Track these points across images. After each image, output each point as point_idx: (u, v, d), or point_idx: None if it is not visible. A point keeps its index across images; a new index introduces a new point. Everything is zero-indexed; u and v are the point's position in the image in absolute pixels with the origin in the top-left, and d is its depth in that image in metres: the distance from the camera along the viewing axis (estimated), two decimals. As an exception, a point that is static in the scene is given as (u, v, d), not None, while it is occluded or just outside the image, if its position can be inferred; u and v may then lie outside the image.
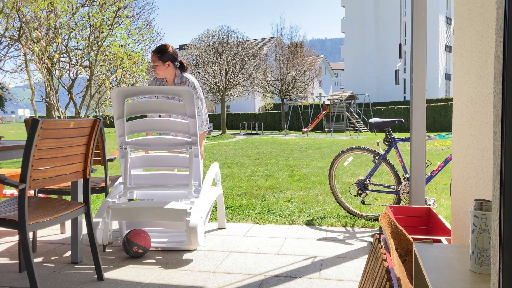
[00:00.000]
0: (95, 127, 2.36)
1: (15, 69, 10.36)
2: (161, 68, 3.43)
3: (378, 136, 21.37)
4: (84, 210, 2.37)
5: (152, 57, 3.43)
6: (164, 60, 3.41)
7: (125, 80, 9.86)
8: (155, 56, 3.42)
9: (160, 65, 3.42)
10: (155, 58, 3.42)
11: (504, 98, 0.76)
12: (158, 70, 3.43)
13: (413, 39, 2.77)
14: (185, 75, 3.52)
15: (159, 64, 3.42)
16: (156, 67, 3.42)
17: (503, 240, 0.77)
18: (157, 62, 3.41)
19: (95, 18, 9.19)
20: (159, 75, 3.46)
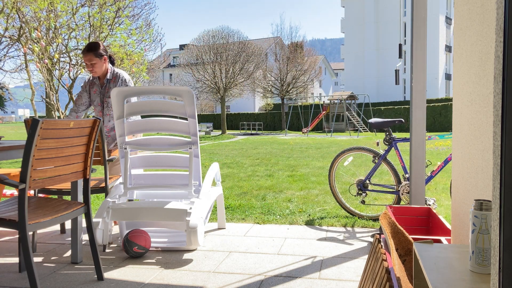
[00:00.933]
0: (95, 127, 2.36)
1: (15, 69, 10.36)
2: (99, 65, 3.42)
3: (378, 136, 21.37)
4: (84, 210, 2.37)
5: (86, 56, 3.39)
6: (100, 55, 3.41)
7: (125, 80, 9.85)
8: (90, 55, 3.39)
9: (98, 62, 3.41)
10: (91, 57, 3.39)
11: (504, 98, 0.76)
12: (97, 67, 3.41)
13: (413, 39, 2.77)
14: (116, 70, 3.54)
15: (97, 61, 3.40)
16: (94, 65, 3.40)
17: (503, 240, 0.77)
18: (94, 59, 3.39)
19: (95, 18, 9.19)
20: (97, 73, 3.44)
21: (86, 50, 3.41)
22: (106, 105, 3.52)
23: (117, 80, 3.52)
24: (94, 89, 3.52)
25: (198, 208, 2.79)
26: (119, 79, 3.52)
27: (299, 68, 32.54)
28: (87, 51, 3.40)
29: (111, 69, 3.51)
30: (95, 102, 3.53)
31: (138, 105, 2.99)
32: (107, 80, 3.50)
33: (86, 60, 3.41)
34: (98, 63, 3.40)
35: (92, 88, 3.54)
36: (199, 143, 3.01)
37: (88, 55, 3.39)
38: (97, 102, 3.53)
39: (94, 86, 3.52)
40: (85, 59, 3.42)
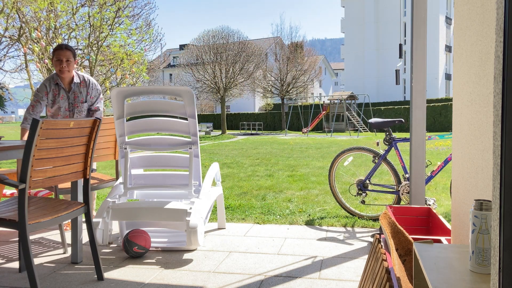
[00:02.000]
0: (95, 127, 2.36)
1: (15, 69, 10.36)
2: (72, 66, 3.30)
3: (378, 136, 21.37)
4: (84, 210, 2.37)
5: (65, 53, 3.22)
6: (75, 57, 3.30)
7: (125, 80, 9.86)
8: (69, 53, 3.24)
9: (72, 62, 3.28)
10: (70, 55, 3.24)
11: (504, 98, 0.76)
12: (71, 68, 3.28)
13: (413, 39, 2.77)
14: (81, 73, 3.42)
15: (72, 61, 3.28)
16: (70, 64, 3.25)
17: (503, 240, 0.77)
18: (71, 59, 3.26)
19: (95, 18, 9.19)
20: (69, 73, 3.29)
21: (65, 47, 3.24)
22: (77, 110, 3.36)
23: (88, 85, 3.39)
24: (61, 95, 3.32)
25: (198, 208, 2.79)
26: (90, 83, 3.40)
27: (299, 68, 32.54)
28: (66, 48, 3.23)
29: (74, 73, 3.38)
30: (62, 108, 3.34)
31: (138, 105, 2.99)
32: (75, 84, 3.34)
33: (63, 56, 3.21)
34: (72, 64, 3.27)
35: (56, 94, 3.33)
36: (199, 143, 3.01)
37: (67, 52, 3.22)
38: (64, 107, 3.34)
39: (60, 91, 3.32)
40: (62, 55, 3.21)
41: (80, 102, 3.36)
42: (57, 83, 3.32)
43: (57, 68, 3.25)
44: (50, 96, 3.32)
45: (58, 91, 3.32)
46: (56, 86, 3.32)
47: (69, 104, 3.35)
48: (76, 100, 3.35)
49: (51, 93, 3.32)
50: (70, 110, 3.36)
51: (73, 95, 3.35)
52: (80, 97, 3.37)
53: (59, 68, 3.24)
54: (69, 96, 3.34)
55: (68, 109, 3.35)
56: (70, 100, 3.34)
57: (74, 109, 3.36)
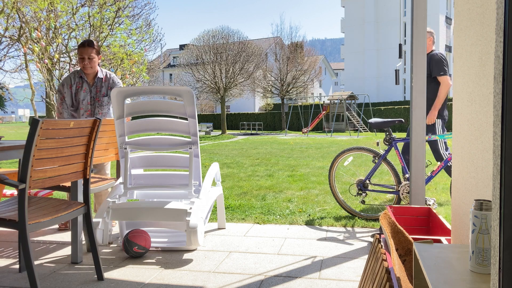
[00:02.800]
0: (95, 127, 2.36)
1: (15, 69, 10.36)
2: (95, 62, 3.36)
3: (378, 136, 21.37)
4: (84, 210, 2.37)
5: (87, 50, 3.31)
6: (98, 53, 3.36)
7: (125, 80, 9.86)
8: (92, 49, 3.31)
9: (95, 58, 3.34)
10: (92, 52, 3.31)
11: (504, 98, 0.76)
12: (93, 64, 3.36)
13: (413, 39, 2.77)
14: (104, 70, 3.50)
15: (95, 58, 3.34)
16: (92, 60, 3.33)
17: (503, 240, 0.77)
18: (94, 55, 3.32)
19: (95, 18, 9.19)
20: (92, 70, 3.37)
21: (87, 44, 3.33)
22: (99, 104, 3.46)
23: (109, 80, 3.49)
24: (84, 88, 3.43)
25: (198, 208, 2.79)
26: (111, 80, 3.49)
27: (299, 68, 32.54)
28: (89, 45, 3.33)
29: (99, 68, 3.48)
30: (84, 101, 3.44)
31: (138, 105, 2.99)
32: (99, 79, 3.44)
33: (85, 54, 3.32)
34: (95, 60, 3.35)
35: (79, 86, 3.44)
36: (199, 143, 3.01)
37: (89, 49, 3.32)
38: (86, 101, 3.45)
39: (83, 84, 3.43)
40: (84, 53, 3.32)
41: (102, 96, 3.46)
42: (81, 76, 3.44)
43: (80, 65, 3.36)
44: (74, 89, 3.43)
45: (82, 84, 3.43)
46: (80, 79, 3.44)
47: (91, 98, 3.45)
48: (98, 94, 3.44)
49: (74, 85, 3.43)
50: (92, 104, 3.46)
51: (95, 89, 3.44)
52: (102, 91, 3.46)
53: (82, 65, 3.35)
54: (91, 90, 3.43)
55: (90, 102, 3.45)
56: (92, 94, 3.43)
57: (96, 103, 3.46)
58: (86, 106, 3.45)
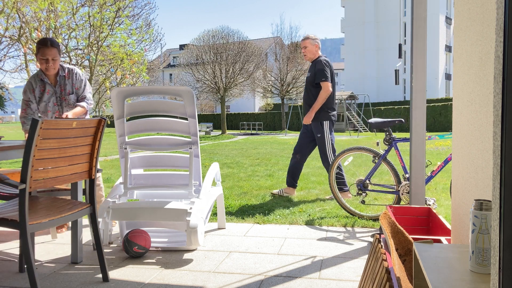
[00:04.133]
0: (100, 127, 2.35)
1: (15, 69, 10.36)
2: (58, 62, 3.24)
3: (378, 136, 21.37)
4: (90, 210, 2.36)
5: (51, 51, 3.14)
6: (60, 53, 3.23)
7: (125, 80, 9.86)
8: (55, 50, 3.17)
9: (58, 59, 3.22)
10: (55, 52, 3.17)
11: (504, 98, 0.76)
12: (56, 65, 3.22)
13: (413, 39, 2.77)
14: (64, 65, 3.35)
15: (58, 59, 3.21)
16: (56, 62, 3.19)
17: (503, 240, 0.77)
18: (57, 56, 3.19)
19: (95, 18, 9.19)
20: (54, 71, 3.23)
21: (50, 44, 3.12)
22: (66, 103, 3.33)
23: (72, 76, 3.34)
24: (47, 90, 3.29)
25: (198, 208, 2.79)
26: (74, 75, 3.34)
27: (299, 68, 32.53)
28: (52, 45, 3.12)
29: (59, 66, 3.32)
30: (50, 102, 3.30)
31: (138, 105, 2.99)
32: (61, 77, 3.30)
33: (49, 55, 3.13)
34: (58, 60, 3.21)
35: (42, 90, 3.29)
36: (199, 143, 3.01)
37: (53, 49, 3.14)
38: (52, 102, 3.30)
39: (45, 86, 3.28)
40: (48, 54, 3.12)
41: (67, 95, 3.33)
42: (41, 79, 3.28)
43: (43, 66, 3.20)
44: (37, 93, 3.28)
45: (44, 86, 3.29)
46: (42, 82, 3.29)
47: (57, 98, 3.32)
48: (63, 93, 3.31)
49: (37, 89, 3.28)
50: (59, 104, 3.33)
51: (60, 88, 3.31)
52: (67, 89, 3.33)
53: (45, 67, 3.19)
54: (56, 90, 3.30)
55: (56, 103, 3.32)
56: (57, 94, 3.30)
57: (62, 102, 3.33)
58: (53, 107, 3.32)
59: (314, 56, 4.53)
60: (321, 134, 4.40)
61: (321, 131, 4.40)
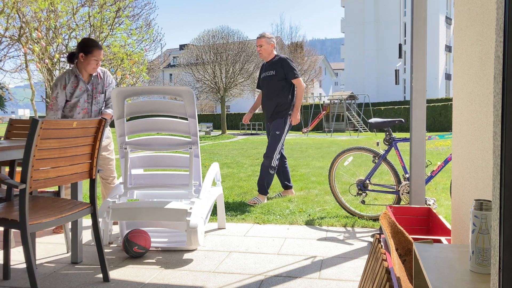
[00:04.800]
0: (101, 127, 2.35)
1: (15, 69, 10.37)
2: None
3: (378, 136, 21.37)
4: (90, 210, 2.36)
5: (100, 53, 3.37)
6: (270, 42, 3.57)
7: (125, 80, 9.86)
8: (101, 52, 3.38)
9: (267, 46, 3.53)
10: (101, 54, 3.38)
11: (504, 98, 0.76)
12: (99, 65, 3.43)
13: (413, 39, 2.77)
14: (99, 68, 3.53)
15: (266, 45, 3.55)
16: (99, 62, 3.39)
17: (503, 240, 0.77)
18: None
19: (96, 18, 9.19)
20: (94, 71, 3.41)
21: (100, 46, 3.39)
22: (95, 101, 3.45)
23: (104, 77, 3.50)
24: (80, 86, 3.38)
25: (198, 208, 2.79)
26: (106, 77, 3.52)
27: (299, 68, 32.54)
28: (101, 48, 3.39)
29: None
30: (81, 99, 3.39)
31: (138, 105, 2.99)
32: (94, 76, 3.44)
33: (98, 57, 3.36)
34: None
35: (75, 85, 3.38)
36: (199, 143, 3.01)
37: (101, 52, 3.37)
38: (83, 99, 3.40)
39: (79, 83, 3.38)
40: (98, 55, 3.35)
41: (98, 93, 3.45)
42: (76, 75, 3.39)
43: (91, 66, 3.34)
44: (69, 88, 3.37)
45: (78, 83, 3.39)
46: (76, 78, 3.39)
47: (88, 95, 3.43)
48: (94, 91, 3.43)
49: (70, 85, 3.37)
50: (89, 102, 3.44)
51: (92, 86, 3.43)
52: (98, 88, 3.46)
53: (93, 67, 3.36)
54: (88, 88, 3.41)
55: (87, 100, 3.43)
56: (88, 92, 3.42)
57: (93, 100, 3.44)
58: (83, 104, 3.42)
59: (269, 55, 4.50)
60: (280, 132, 4.38)
61: (281, 129, 4.40)
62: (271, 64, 4.48)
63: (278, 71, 4.40)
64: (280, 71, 4.41)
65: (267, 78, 4.48)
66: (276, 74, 4.41)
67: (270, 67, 4.47)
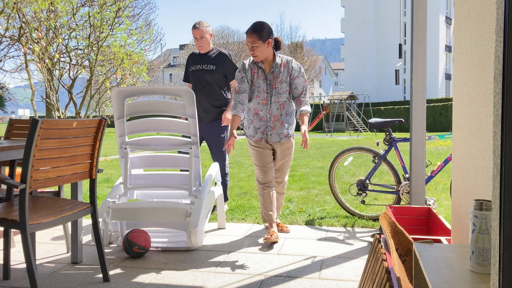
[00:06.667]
0: (101, 127, 2.35)
1: (15, 69, 10.37)
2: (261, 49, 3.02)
3: (378, 136, 21.37)
4: (90, 210, 2.36)
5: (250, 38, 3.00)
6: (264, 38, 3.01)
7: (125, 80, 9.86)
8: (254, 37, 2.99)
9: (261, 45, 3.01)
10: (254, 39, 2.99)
11: (504, 98, 0.76)
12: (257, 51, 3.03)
13: (413, 39, 2.77)
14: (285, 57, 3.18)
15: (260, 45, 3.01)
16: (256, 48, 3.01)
17: (503, 240, 0.77)
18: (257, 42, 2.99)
19: (96, 18, 9.19)
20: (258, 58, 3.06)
21: (250, 30, 3.00)
22: (276, 92, 3.10)
23: (289, 66, 3.13)
24: (259, 75, 3.10)
25: (198, 208, 2.79)
26: (291, 66, 3.13)
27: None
28: (252, 32, 2.98)
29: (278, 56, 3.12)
30: (260, 88, 3.11)
31: (138, 105, 2.99)
32: (276, 64, 3.09)
33: (248, 42, 3.01)
34: (261, 47, 3.00)
35: (255, 73, 3.12)
36: (199, 143, 3.01)
37: (251, 36, 2.98)
38: (262, 88, 3.11)
39: (258, 71, 3.11)
40: (248, 40, 3.01)
41: (279, 83, 3.10)
42: (255, 62, 3.12)
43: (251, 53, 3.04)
44: (249, 75, 3.14)
45: (257, 71, 3.13)
46: (255, 65, 3.13)
47: (267, 85, 3.12)
48: (275, 80, 3.11)
49: (249, 72, 3.13)
50: (268, 92, 3.12)
51: (272, 76, 3.12)
52: (280, 77, 3.11)
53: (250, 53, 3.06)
54: (268, 77, 3.11)
55: (266, 90, 3.12)
56: (268, 81, 3.11)
57: (273, 90, 3.11)
58: (261, 94, 3.13)
59: (209, 47, 3.97)
60: (224, 135, 3.95)
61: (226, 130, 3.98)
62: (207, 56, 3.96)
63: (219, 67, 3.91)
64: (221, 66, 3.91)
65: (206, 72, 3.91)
66: (217, 70, 3.90)
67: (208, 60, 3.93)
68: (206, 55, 3.95)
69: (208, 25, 3.92)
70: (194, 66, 3.97)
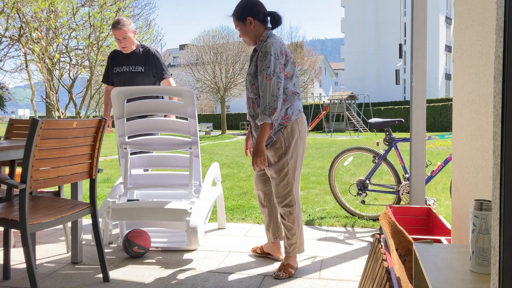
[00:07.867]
0: (101, 127, 2.35)
1: (15, 69, 10.37)
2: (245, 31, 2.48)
3: (378, 136, 21.36)
4: (90, 210, 2.36)
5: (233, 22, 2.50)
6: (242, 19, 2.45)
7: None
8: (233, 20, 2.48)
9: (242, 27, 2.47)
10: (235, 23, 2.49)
11: (504, 98, 0.76)
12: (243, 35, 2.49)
13: (413, 39, 2.77)
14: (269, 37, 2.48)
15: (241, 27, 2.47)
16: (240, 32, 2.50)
17: (503, 240, 0.77)
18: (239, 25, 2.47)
19: (96, 18, 9.19)
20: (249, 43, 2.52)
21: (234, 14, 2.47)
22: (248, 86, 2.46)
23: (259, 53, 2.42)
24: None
25: (198, 208, 2.79)
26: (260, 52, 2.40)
27: (299, 68, 32.54)
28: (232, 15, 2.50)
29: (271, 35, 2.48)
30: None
31: (138, 105, 2.98)
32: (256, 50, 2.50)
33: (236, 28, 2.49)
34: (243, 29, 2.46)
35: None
36: (199, 143, 3.01)
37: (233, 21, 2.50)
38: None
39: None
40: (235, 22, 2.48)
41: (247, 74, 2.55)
42: None
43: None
44: None
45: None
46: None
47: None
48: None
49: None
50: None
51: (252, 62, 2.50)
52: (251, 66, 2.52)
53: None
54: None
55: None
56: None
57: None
58: None
59: (134, 46, 3.52)
60: None
61: None
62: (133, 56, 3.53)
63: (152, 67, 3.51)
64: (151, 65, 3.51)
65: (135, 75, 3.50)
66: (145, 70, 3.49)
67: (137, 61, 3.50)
68: (132, 55, 3.50)
69: (130, 22, 3.46)
70: (119, 68, 3.51)
